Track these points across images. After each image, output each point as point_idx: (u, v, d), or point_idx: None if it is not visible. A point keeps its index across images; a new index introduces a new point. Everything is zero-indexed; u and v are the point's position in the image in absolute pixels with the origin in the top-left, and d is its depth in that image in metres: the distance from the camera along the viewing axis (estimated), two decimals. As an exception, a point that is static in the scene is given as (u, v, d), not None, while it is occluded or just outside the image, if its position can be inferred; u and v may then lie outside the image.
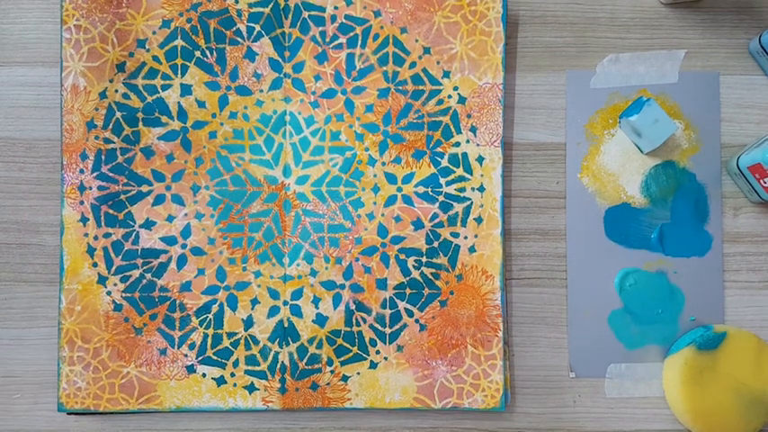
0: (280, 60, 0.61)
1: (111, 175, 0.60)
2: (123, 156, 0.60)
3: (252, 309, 0.60)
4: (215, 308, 0.60)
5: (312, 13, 0.60)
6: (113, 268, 0.60)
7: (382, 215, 0.60)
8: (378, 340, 0.60)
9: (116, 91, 0.60)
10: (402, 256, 0.60)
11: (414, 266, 0.60)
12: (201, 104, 0.60)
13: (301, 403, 0.59)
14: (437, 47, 0.60)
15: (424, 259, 0.60)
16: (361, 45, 0.61)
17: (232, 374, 0.59)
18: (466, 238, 0.60)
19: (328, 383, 0.59)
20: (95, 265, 0.60)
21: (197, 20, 0.60)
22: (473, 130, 0.61)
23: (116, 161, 0.60)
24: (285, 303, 0.60)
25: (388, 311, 0.60)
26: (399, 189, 0.61)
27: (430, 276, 0.60)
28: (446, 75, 0.61)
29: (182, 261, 0.60)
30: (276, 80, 0.61)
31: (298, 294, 0.60)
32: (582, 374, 0.61)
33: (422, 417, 0.61)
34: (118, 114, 0.60)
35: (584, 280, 0.61)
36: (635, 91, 0.62)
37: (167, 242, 0.60)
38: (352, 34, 0.61)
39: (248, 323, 0.60)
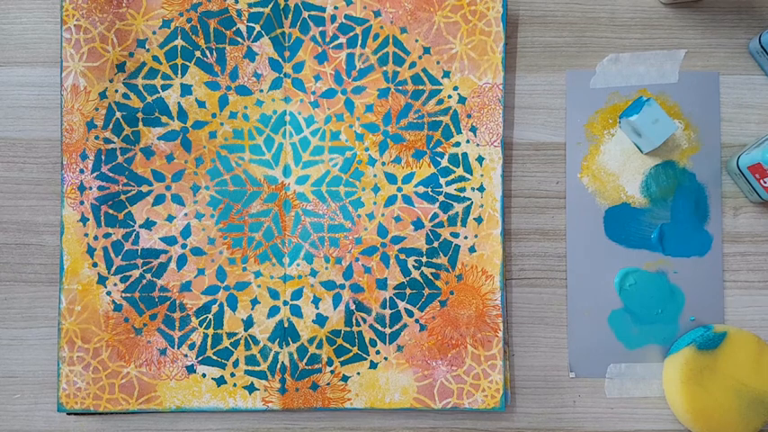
0: (280, 60, 0.61)
1: (111, 175, 0.60)
2: (123, 156, 0.60)
3: (252, 309, 0.60)
4: (215, 308, 0.60)
5: (312, 13, 0.60)
6: (113, 268, 0.60)
7: (382, 215, 0.60)
8: (378, 340, 0.60)
9: (116, 91, 0.60)
10: (402, 256, 0.60)
11: (414, 266, 0.60)
12: (201, 104, 0.60)
13: (301, 403, 0.59)
14: (437, 47, 0.60)
15: (424, 259, 0.60)
16: (361, 45, 0.61)
17: (232, 374, 0.59)
18: (466, 238, 0.60)
19: (328, 383, 0.59)
20: (95, 265, 0.60)
21: (197, 20, 0.60)
22: (473, 130, 0.61)
23: (116, 161, 0.60)
24: (285, 303, 0.60)
25: (388, 311, 0.60)
26: (399, 189, 0.61)
27: (430, 276, 0.60)
28: (446, 75, 0.61)
29: (182, 261, 0.60)
30: (276, 80, 0.61)
31: (298, 294, 0.60)
32: (582, 374, 0.61)
33: (422, 417, 0.61)
34: (118, 114, 0.60)
35: (584, 280, 0.61)
36: (635, 91, 0.62)
37: (167, 242, 0.60)
38: (352, 34, 0.61)
39: (248, 323, 0.60)
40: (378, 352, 0.60)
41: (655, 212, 0.61)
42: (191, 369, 0.59)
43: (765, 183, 0.58)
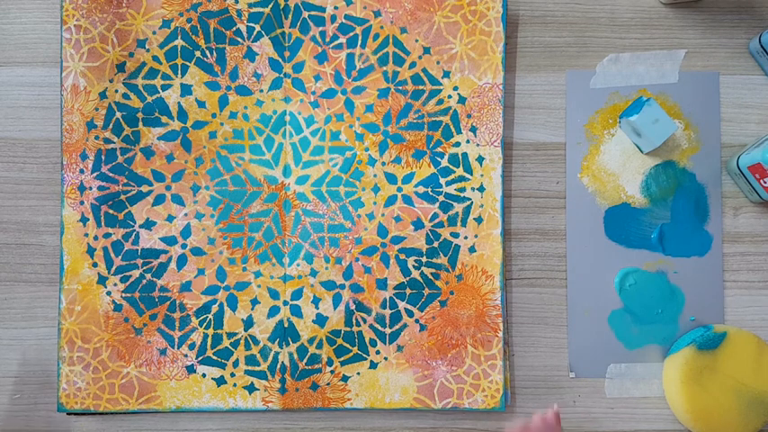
0: (280, 60, 0.61)
1: (111, 175, 0.60)
2: (123, 156, 0.60)
3: (252, 309, 0.60)
4: (215, 308, 0.60)
5: (312, 13, 0.60)
6: (113, 268, 0.60)
7: (382, 215, 0.60)
8: (378, 340, 0.60)
9: (116, 91, 0.60)
10: (402, 256, 0.60)
11: (414, 266, 0.60)
12: (201, 104, 0.60)
13: (301, 403, 0.59)
14: (437, 47, 0.60)
15: (424, 259, 0.60)
16: (361, 45, 0.61)
17: (232, 374, 0.59)
18: (466, 238, 0.60)
19: (328, 383, 0.59)
20: (95, 265, 0.60)
21: (197, 20, 0.60)
22: (473, 130, 0.61)
23: (116, 161, 0.60)
24: (285, 303, 0.60)
25: (388, 311, 0.60)
26: (399, 189, 0.60)
27: (430, 276, 0.60)
28: (446, 75, 0.61)
29: (182, 261, 0.60)
30: (276, 80, 0.61)
31: (298, 294, 0.60)
32: (582, 374, 0.61)
33: (422, 417, 0.61)
34: (118, 114, 0.60)
35: (584, 280, 0.61)
36: (635, 91, 0.62)
37: (167, 242, 0.60)
38: (352, 34, 0.61)
39: (248, 323, 0.60)
40: (378, 352, 0.60)
41: (655, 212, 0.61)
42: (191, 369, 0.59)
43: (765, 183, 0.58)
